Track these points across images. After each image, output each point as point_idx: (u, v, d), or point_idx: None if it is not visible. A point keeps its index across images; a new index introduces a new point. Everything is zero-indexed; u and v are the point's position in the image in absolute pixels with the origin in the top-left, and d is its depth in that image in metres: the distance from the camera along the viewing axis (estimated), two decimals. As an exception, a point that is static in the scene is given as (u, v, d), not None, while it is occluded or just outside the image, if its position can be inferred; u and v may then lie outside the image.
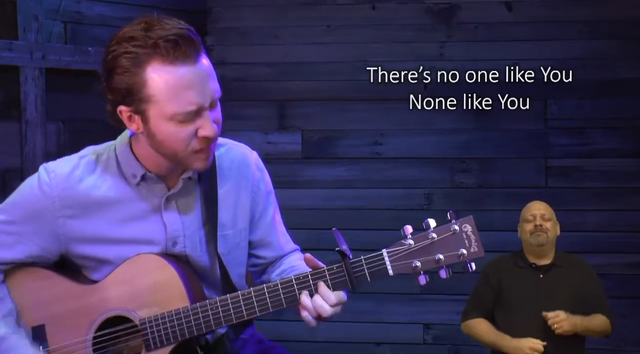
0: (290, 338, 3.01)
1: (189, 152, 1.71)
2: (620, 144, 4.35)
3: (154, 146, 1.75)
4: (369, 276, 1.70)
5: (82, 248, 1.81)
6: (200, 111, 1.69)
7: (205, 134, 1.69)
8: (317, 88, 4.51)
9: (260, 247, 1.96)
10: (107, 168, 1.82)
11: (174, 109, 1.67)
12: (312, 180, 4.50)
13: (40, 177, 1.81)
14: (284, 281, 1.73)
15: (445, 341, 4.42)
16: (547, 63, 4.33)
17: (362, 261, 1.71)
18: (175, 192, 1.82)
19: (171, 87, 1.66)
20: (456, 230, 1.75)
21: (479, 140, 4.44)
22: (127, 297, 1.78)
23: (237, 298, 1.74)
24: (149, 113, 1.69)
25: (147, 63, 1.68)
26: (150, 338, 1.76)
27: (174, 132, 1.69)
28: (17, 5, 3.78)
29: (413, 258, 1.72)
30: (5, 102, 3.82)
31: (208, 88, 1.69)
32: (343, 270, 1.71)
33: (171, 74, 1.66)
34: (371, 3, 4.51)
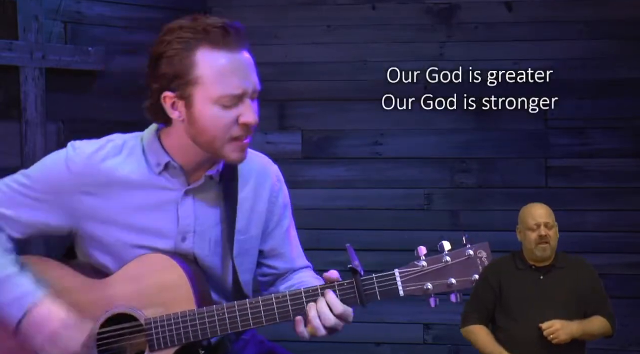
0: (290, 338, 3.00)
1: (228, 139, 1.76)
2: (620, 144, 4.35)
3: (193, 134, 1.77)
4: (379, 295, 1.71)
5: (92, 227, 1.83)
6: (243, 97, 1.76)
7: (247, 120, 1.76)
8: (317, 88, 4.51)
9: (271, 257, 1.98)
10: (132, 154, 1.85)
11: (219, 92, 1.73)
12: (312, 180, 4.50)
13: (67, 152, 1.84)
14: (292, 293, 1.74)
15: (445, 341, 4.42)
16: (547, 63, 4.33)
17: (373, 279, 1.72)
18: (195, 188, 1.84)
19: (219, 70, 1.73)
20: (471, 255, 1.73)
21: (479, 140, 4.44)
22: (134, 295, 1.78)
23: (245, 306, 1.74)
24: (194, 97, 1.74)
25: (196, 47, 1.74)
26: (154, 338, 1.76)
27: (217, 117, 1.74)
28: (17, 5, 3.78)
29: (425, 280, 1.72)
30: (5, 102, 3.82)
31: (251, 77, 1.78)
32: (354, 286, 1.71)
33: (220, 58, 1.73)
34: (371, 3, 4.51)
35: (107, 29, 4.18)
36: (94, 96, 4.09)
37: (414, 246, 4.05)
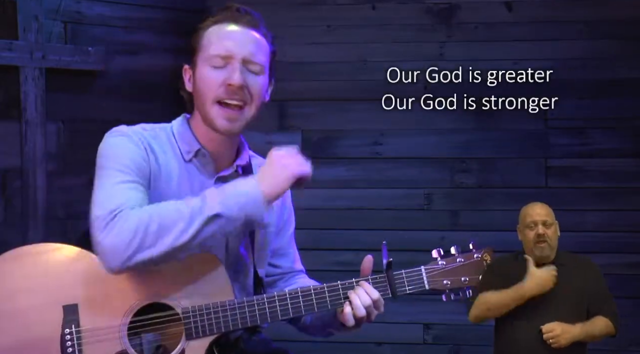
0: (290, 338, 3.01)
1: (214, 100, 1.86)
2: (620, 144, 4.35)
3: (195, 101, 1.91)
4: (408, 288, 1.91)
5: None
6: (231, 60, 1.87)
7: (230, 81, 1.85)
8: (317, 88, 4.51)
9: (278, 256, 2.07)
10: (167, 141, 1.92)
11: (211, 52, 1.88)
12: (312, 180, 4.48)
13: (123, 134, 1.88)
14: (330, 285, 1.86)
15: (445, 341, 4.42)
16: (547, 63, 4.33)
17: (402, 273, 1.91)
18: (225, 176, 1.92)
19: (216, 34, 1.90)
20: (478, 258, 1.97)
21: (479, 140, 4.44)
22: (171, 285, 1.81)
23: (284, 296, 1.83)
24: (197, 62, 1.91)
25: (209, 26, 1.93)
26: (192, 327, 1.79)
27: (207, 76, 1.88)
28: (17, 5, 3.78)
29: (445, 277, 1.93)
30: (5, 102, 3.82)
31: (247, 47, 1.89)
32: (385, 280, 1.89)
33: (222, 27, 1.91)
34: (371, 3, 4.51)
35: (107, 29, 4.18)
36: (94, 96, 4.09)
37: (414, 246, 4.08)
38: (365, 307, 1.84)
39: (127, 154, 1.84)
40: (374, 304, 1.86)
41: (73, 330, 1.80)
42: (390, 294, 1.89)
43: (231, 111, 1.88)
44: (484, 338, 3.96)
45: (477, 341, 4.29)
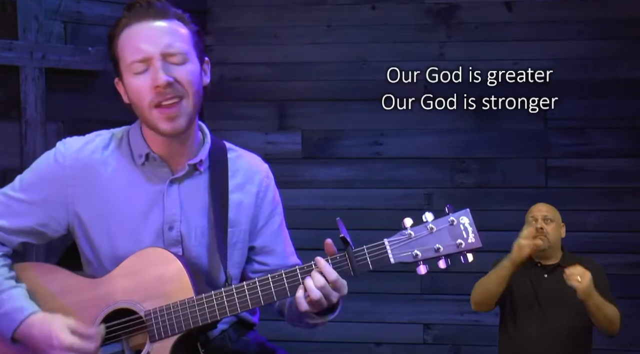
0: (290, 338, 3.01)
1: (149, 106, 1.82)
2: (620, 144, 4.35)
3: (136, 112, 1.87)
4: (371, 264, 1.79)
5: (85, 220, 1.87)
6: (151, 61, 1.82)
7: (155, 83, 1.80)
8: (317, 88, 4.51)
9: (263, 253, 2.00)
10: (119, 147, 1.91)
11: (128, 60, 1.84)
12: (312, 180, 4.50)
13: (57, 148, 1.94)
14: (288, 271, 1.79)
15: (445, 341, 4.42)
16: (547, 63, 4.33)
17: (364, 250, 1.81)
18: (179, 177, 1.89)
19: (127, 41, 1.86)
20: (453, 221, 1.81)
21: (479, 140, 4.44)
22: (133, 289, 1.80)
23: (242, 288, 1.78)
24: (122, 73, 1.87)
25: (120, 31, 1.89)
26: (154, 329, 1.78)
27: (134, 85, 1.83)
28: (17, 5, 3.78)
29: (413, 248, 1.78)
30: (5, 102, 3.82)
31: (161, 41, 1.82)
32: (346, 258, 1.79)
33: (131, 30, 1.86)
34: (371, 3, 4.51)
35: (107, 29, 4.14)
36: (94, 96, 4.09)
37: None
38: (319, 288, 1.74)
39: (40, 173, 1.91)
40: (332, 285, 1.76)
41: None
42: (352, 272, 1.78)
43: (169, 110, 1.82)
44: (484, 338, 3.97)
45: (477, 341, 4.29)
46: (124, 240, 1.85)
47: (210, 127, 2.01)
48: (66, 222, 1.89)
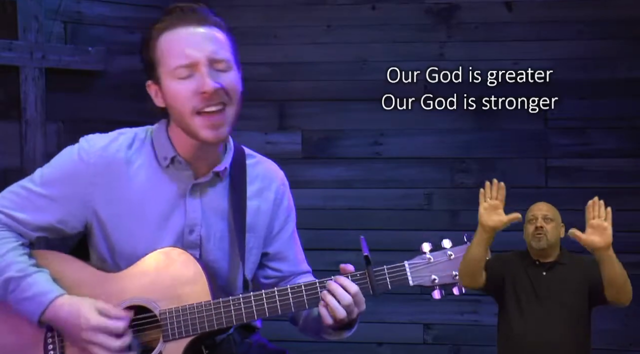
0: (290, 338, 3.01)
1: (192, 112, 1.80)
2: (620, 144, 4.35)
3: (172, 116, 1.86)
4: (390, 284, 1.84)
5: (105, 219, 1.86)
6: (197, 67, 1.80)
7: (203, 88, 1.78)
8: (317, 88, 4.50)
9: (276, 260, 2.02)
10: (142, 147, 1.90)
11: (172, 64, 1.81)
12: (312, 180, 4.50)
13: (80, 145, 1.91)
14: (307, 283, 1.82)
15: (445, 341, 4.42)
16: (547, 63, 4.33)
17: (384, 269, 1.85)
18: (202, 183, 1.89)
19: (171, 44, 1.82)
20: None
21: (479, 140, 4.44)
22: (149, 288, 1.81)
23: (260, 296, 1.80)
24: (161, 77, 1.84)
25: (160, 34, 1.86)
26: (169, 329, 1.79)
27: (177, 90, 1.81)
28: (17, 5, 3.78)
29: (431, 272, 1.86)
30: (5, 102, 3.82)
31: (207, 47, 1.81)
32: (366, 277, 1.82)
33: (173, 34, 1.83)
34: (371, 3, 4.51)
35: (107, 29, 4.18)
36: (94, 96, 4.09)
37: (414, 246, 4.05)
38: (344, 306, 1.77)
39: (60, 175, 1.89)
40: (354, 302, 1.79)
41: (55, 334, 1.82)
42: (371, 291, 1.82)
43: (214, 117, 1.82)
44: (484, 338, 3.97)
45: (477, 341, 4.29)
46: (143, 240, 1.85)
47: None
48: (85, 219, 1.88)
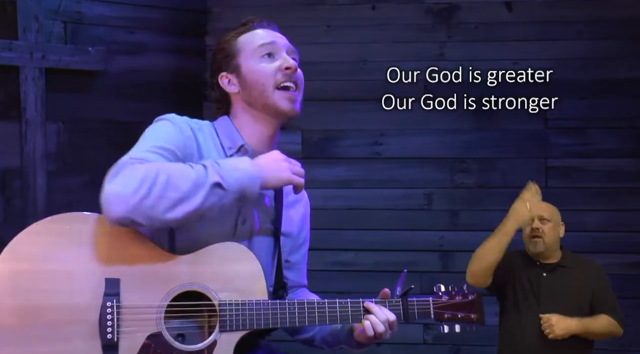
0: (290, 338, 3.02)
1: (274, 86, 2.00)
2: (620, 144, 4.35)
3: (248, 96, 2.01)
4: (417, 315, 2.08)
5: None
6: (278, 49, 2.05)
7: (286, 64, 2.02)
8: (317, 88, 4.50)
9: (289, 269, 2.12)
10: (209, 136, 1.99)
11: (254, 45, 2.04)
12: (312, 180, 4.46)
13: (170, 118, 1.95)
14: (353, 301, 1.98)
15: (445, 341, 4.42)
16: (547, 63, 4.33)
17: (414, 301, 2.07)
18: None
19: (252, 37, 2.08)
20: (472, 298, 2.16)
21: (479, 140, 4.44)
22: (211, 277, 1.86)
23: (313, 304, 1.93)
24: (240, 63, 2.02)
25: (239, 36, 2.10)
26: (227, 319, 1.85)
27: (261, 67, 2.01)
28: (17, 5, 3.78)
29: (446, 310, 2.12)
30: (5, 102, 3.83)
31: (284, 40, 2.10)
32: (399, 305, 2.05)
33: (255, 32, 2.10)
34: (371, 3, 4.51)
35: (107, 29, 4.18)
36: (94, 96, 4.09)
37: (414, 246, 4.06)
38: (382, 322, 1.97)
39: (166, 135, 1.90)
40: (389, 324, 1.98)
41: (114, 304, 1.80)
42: (402, 318, 2.04)
43: (292, 92, 2.03)
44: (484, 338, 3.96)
45: (477, 341, 4.28)
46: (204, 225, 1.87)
47: (210, 128, 2.03)
48: None
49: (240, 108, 2.04)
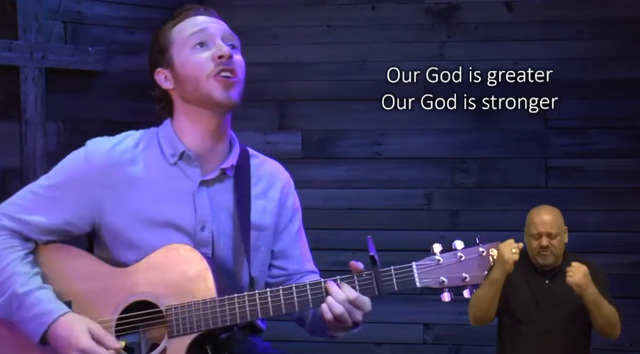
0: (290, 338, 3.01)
1: (208, 75, 1.86)
2: (620, 144, 4.35)
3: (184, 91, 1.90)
4: (397, 286, 1.79)
5: (114, 221, 1.87)
6: (212, 37, 1.90)
7: (219, 53, 1.87)
8: (317, 88, 4.51)
9: (281, 258, 2.03)
10: (148, 147, 1.92)
11: (186, 35, 1.90)
12: (312, 180, 4.50)
13: (87, 147, 1.93)
14: (312, 282, 1.81)
15: (445, 341, 4.42)
16: (547, 63, 4.33)
17: (391, 270, 1.80)
18: (209, 179, 1.91)
19: (184, 25, 1.93)
20: (483, 253, 1.82)
21: (479, 140, 4.44)
22: (157, 283, 1.82)
23: (265, 294, 1.79)
24: (173, 55, 1.91)
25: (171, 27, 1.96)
26: (174, 324, 1.80)
27: (194, 57, 1.88)
28: (17, 5, 3.78)
29: (440, 274, 1.79)
30: (5, 102, 3.82)
31: (222, 27, 1.95)
32: (372, 277, 1.79)
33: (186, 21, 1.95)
34: (371, 3, 4.51)
35: (107, 29, 4.18)
36: (94, 96, 4.09)
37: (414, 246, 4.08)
38: (341, 302, 1.75)
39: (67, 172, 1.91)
40: (351, 302, 1.76)
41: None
42: (377, 292, 1.78)
43: (227, 79, 1.88)
44: (484, 338, 3.97)
45: (477, 341, 4.28)
46: (153, 238, 1.86)
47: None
48: (92, 220, 1.89)
49: (178, 107, 1.94)
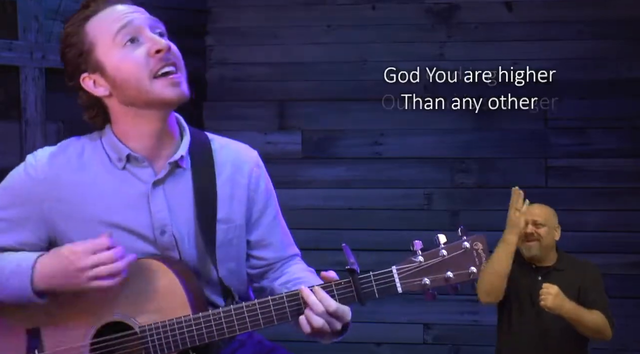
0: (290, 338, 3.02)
1: (150, 76, 1.71)
2: (620, 144, 4.35)
3: (124, 96, 1.75)
4: (377, 293, 1.69)
5: (69, 233, 1.77)
6: (140, 30, 1.72)
7: (155, 47, 1.71)
8: (317, 88, 4.51)
9: (260, 247, 1.90)
10: (94, 154, 1.82)
11: (110, 33, 1.71)
12: (312, 180, 4.50)
13: (27, 162, 1.84)
14: (289, 294, 1.70)
15: (445, 341, 4.42)
16: (547, 63, 4.33)
17: (371, 277, 1.69)
18: (162, 178, 1.78)
19: (102, 21, 1.73)
20: (467, 248, 1.72)
21: (479, 140, 4.44)
22: (127, 303, 1.73)
23: (241, 310, 1.70)
24: (100, 59, 1.74)
25: (84, 24, 1.75)
26: (150, 346, 1.71)
27: (126, 58, 1.72)
28: (17, 5, 3.78)
29: (423, 276, 1.69)
30: (5, 102, 3.82)
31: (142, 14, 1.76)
32: (351, 285, 1.69)
33: (102, 15, 1.74)
34: (371, 3, 4.51)
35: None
36: (93, 96, 4.09)
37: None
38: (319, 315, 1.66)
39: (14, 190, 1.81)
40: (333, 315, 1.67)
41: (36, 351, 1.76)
42: (357, 300, 1.69)
43: (172, 77, 1.72)
44: (484, 338, 3.97)
45: (477, 341, 4.29)
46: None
47: (210, 128, 1.99)
48: (47, 237, 1.79)
49: (117, 111, 1.79)
